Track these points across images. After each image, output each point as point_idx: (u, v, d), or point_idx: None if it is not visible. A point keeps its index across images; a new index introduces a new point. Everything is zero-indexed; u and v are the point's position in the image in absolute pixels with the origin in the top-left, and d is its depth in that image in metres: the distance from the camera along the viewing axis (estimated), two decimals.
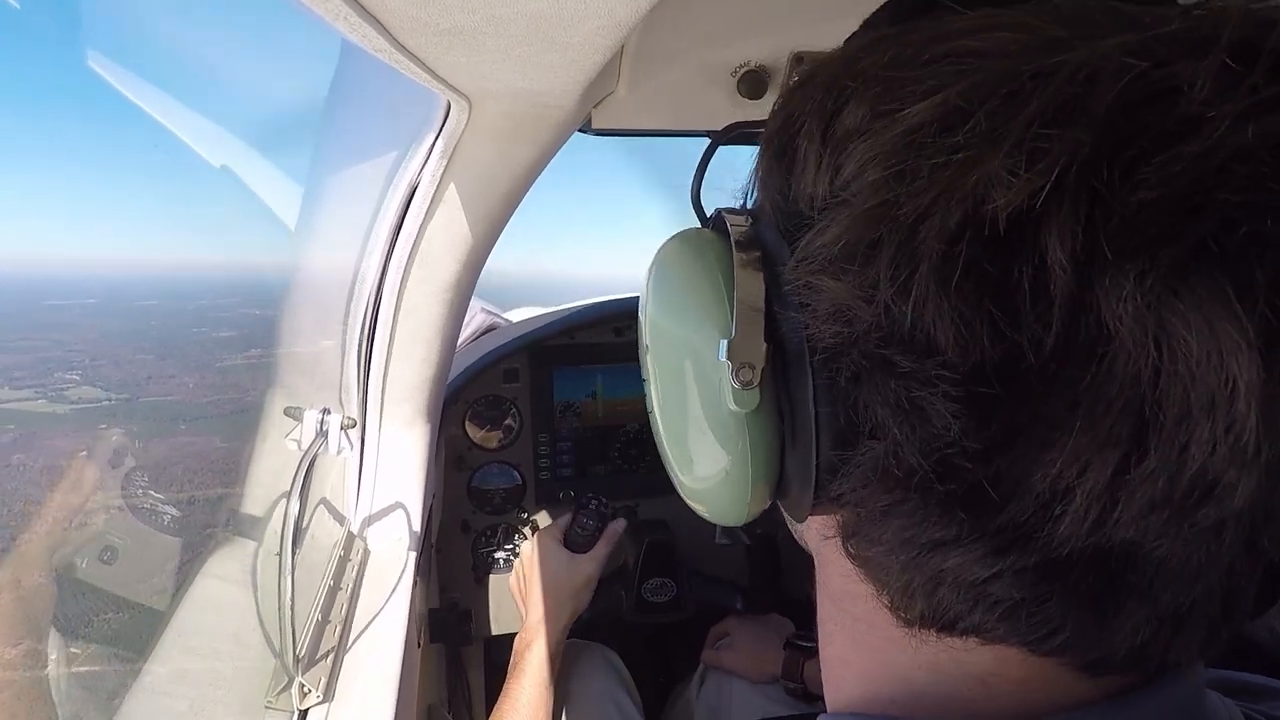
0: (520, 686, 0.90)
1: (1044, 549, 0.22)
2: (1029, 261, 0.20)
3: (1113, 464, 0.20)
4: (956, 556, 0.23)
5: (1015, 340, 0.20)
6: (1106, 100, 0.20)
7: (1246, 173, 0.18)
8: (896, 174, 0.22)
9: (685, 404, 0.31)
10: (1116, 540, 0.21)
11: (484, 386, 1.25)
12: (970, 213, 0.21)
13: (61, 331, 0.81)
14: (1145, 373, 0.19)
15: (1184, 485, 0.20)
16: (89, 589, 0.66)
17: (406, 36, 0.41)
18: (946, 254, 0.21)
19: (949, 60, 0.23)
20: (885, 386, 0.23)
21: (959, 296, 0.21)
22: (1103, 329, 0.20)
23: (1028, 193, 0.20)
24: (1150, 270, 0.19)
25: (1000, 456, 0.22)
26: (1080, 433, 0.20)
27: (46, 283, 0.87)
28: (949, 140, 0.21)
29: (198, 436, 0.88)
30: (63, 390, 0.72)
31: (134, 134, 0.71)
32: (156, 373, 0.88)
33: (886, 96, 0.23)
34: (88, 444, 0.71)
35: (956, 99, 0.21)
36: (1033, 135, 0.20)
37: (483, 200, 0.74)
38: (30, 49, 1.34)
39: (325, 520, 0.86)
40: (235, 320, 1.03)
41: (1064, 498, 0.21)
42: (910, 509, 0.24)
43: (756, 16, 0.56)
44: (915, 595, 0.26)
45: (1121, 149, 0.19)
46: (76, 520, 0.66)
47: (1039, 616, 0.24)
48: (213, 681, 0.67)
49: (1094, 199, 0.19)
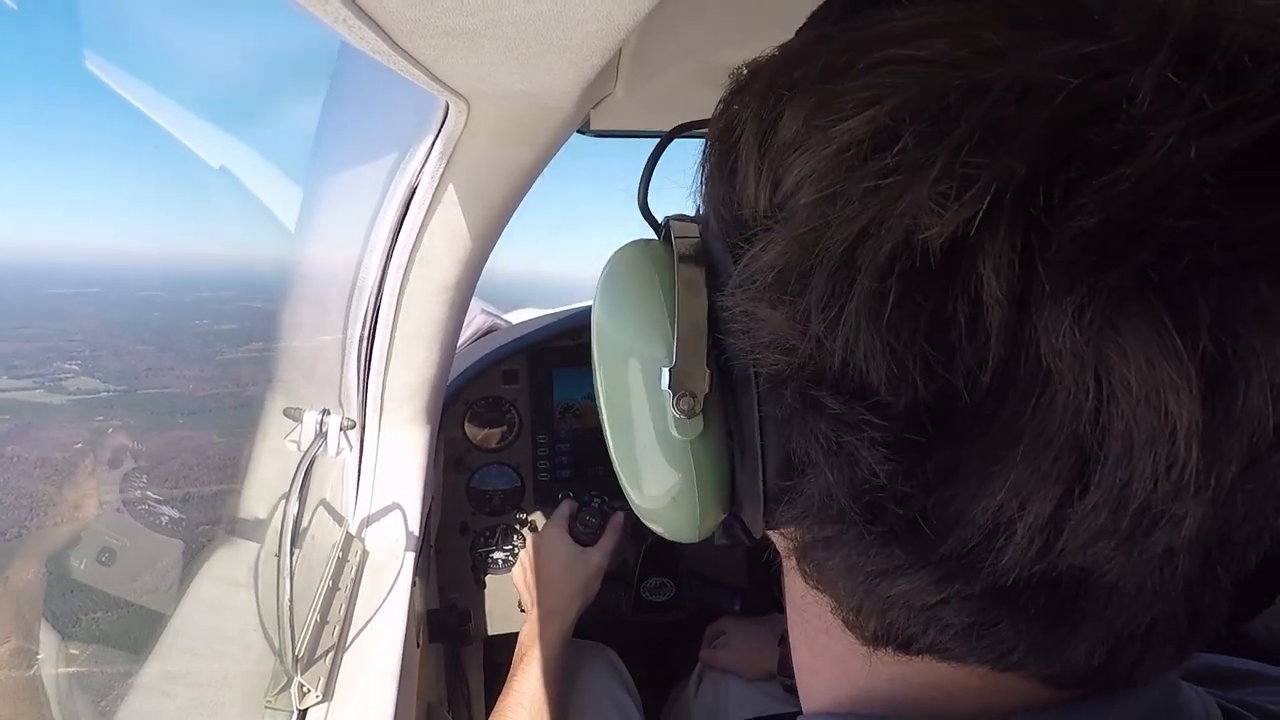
0: (526, 680, 0.89)
1: (989, 577, 0.21)
2: (963, 295, 0.19)
3: (1054, 498, 0.20)
4: (903, 583, 0.23)
5: (949, 379, 0.19)
6: (1041, 119, 0.18)
7: (1189, 195, 0.17)
8: (828, 197, 0.21)
9: (631, 425, 0.31)
10: (1064, 567, 0.21)
11: (484, 388, 1.25)
12: (901, 243, 0.19)
13: (62, 320, 0.80)
14: (1085, 408, 0.19)
15: (1129, 517, 0.19)
16: (86, 589, 0.65)
17: (405, 38, 0.41)
18: (877, 287, 0.20)
19: (881, 69, 0.21)
20: (816, 428, 0.22)
21: (890, 332, 0.20)
22: (1041, 364, 0.19)
23: (958, 222, 0.18)
24: (1089, 303, 0.18)
25: (935, 493, 0.21)
26: (1020, 468, 0.20)
27: (49, 271, 0.87)
28: (879, 163, 0.20)
29: (195, 431, 0.88)
30: (61, 380, 0.72)
31: (138, 129, 0.71)
32: (156, 364, 0.87)
33: (820, 109, 0.22)
34: (83, 437, 0.70)
35: (885, 117, 0.20)
36: (962, 161, 0.19)
37: (482, 201, 0.74)
38: (32, 42, 1.34)
39: (324, 521, 0.86)
40: (236, 313, 1.02)
41: (1006, 529, 0.20)
42: (850, 540, 0.23)
43: (754, 18, 0.56)
44: (867, 617, 0.25)
45: (1059, 171, 0.18)
46: (70, 516, 0.66)
47: (991, 639, 0.23)
48: (212, 681, 0.67)
49: (1030, 226, 0.18)
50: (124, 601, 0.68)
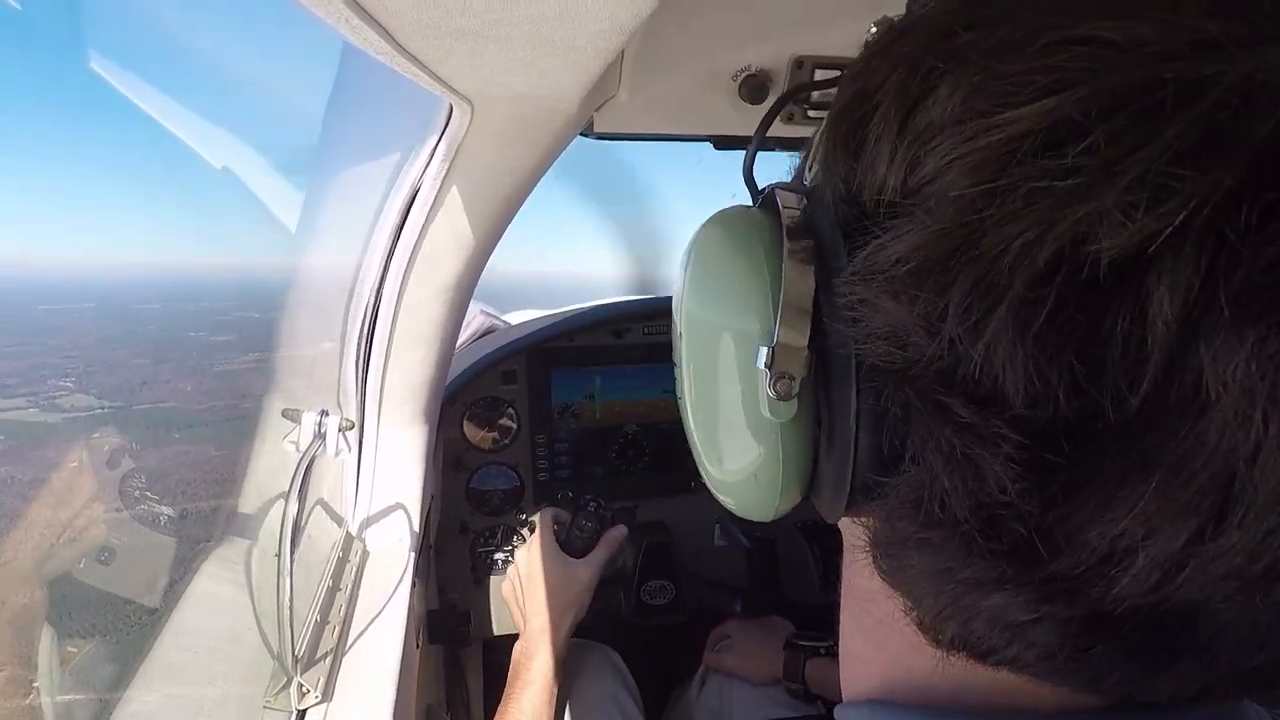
0: (523, 696, 0.88)
1: (1095, 603, 0.20)
2: (1128, 312, 0.17)
3: (1186, 534, 0.18)
4: (997, 598, 0.22)
5: (1095, 398, 0.18)
6: (1262, 132, 0.16)
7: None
8: (986, 192, 0.19)
9: (717, 401, 0.29)
10: (1175, 604, 0.19)
11: (482, 388, 1.25)
12: (1066, 251, 0.18)
13: (57, 336, 0.79)
14: (1244, 446, 0.17)
15: (1265, 564, 0.18)
16: (84, 589, 0.65)
17: (409, 40, 0.41)
18: (1031, 295, 0.18)
19: (1069, 50, 0.18)
20: (939, 433, 0.21)
21: (1037, 345, 0.18)
22: (1200, 393, 0.17)
23: (1142, 237, 0.17)
24: (1272, 336, 0.16)
25: (1056, 512, 0.20)
26: (1153, 497, 0.18)
27: (43, 286, 0.86)
28: (1056, 160, 0.18)
29: (192, 445, 0.87)
30: (55, 398, 0.70)
31: (136, 135, 0.70)
32: (152, 378, 0.86)
33: (986, 90, 0.19)
34: (78, 456, 0.69)
35: (1072, 108, 0.18)
36: (1162, 169, 0.17)
37: (484, 203, 0.74)
38: (28, 48, 1.32)
39: (324, 521, 0.86)
40: (234, 324, 1.02)
41: (1124, 558, 0.19)
42: (948, 548, 0.22)
43: (758, 21, 0.56)
44: (946, 622, 0.24)
45: (1267, 189, 0.16)
46: (66, 536, 0.64)
47: (1081, 663, 0.22)
48: (211, 681, 0.67)
49: (1221, 246, 0.16)
50: (122, 603, 0.68)
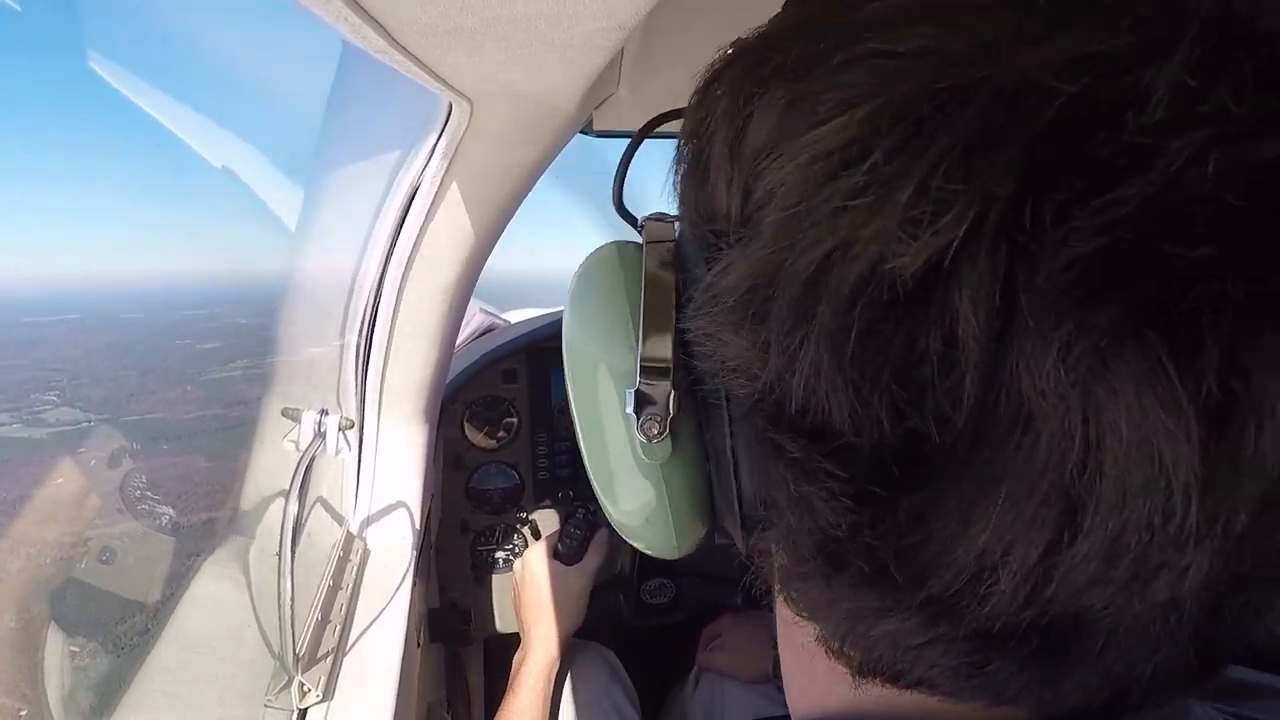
0: (518, 700, 0.90)
1: (977, 621, 0.19)
2: (936, 329, 0.17)
3: (1040, 545, 0.18)
4: (886, 624, 0.21)
5: (919, 421, 0.18)
6: (1033, 130, 0.16)
7: (1205, 218, 0.15)
8: (794, 215, 0.19)
9: (602, 442, 0.29)
10: (1057, 612, 0.19)
11: (482, 387, 1.25)
12: (867, 272, 0.17)
13: (40, 349, 0.78)
14: (1072, 454, 0.17)
15: (1125, 567, 0.17)
16: (83, 590, 0.64)
17: (407, 38, 0.41)
18: (840, 320, 0.18)
19: (861, 65, 0.19)
20: (775, 470, 0.20)
21: (854, 369, 0.18)
22: (1023, 405, 0.17)
23: (931, 250, 0.16)
24: (1078, 339, 0.16)
25: (908, 537, 0.19)
26: (1002, 512, 0.18)
27: (27, 298, 0.85)
28: (850, 179, 0.18)
29: (181, 457, 0.86)
30: (39, 413, 0.69)
31: (135, 135, 0.70)
32: (139, 389, 0.85)
33: (792, 110, 0.20)
34: (64, 472, 0.68)
35: (858, 128, 0.18)
36: (937, 184, 0.16)
37: (484, 201, 0.74)
38: (22, 49, 1.31)
39: (324, 520, 0.86)
40: (220, 330, 1.01)
41: (990, 574, 0.19)
42: (825, 580, 0.22)
43: (756, 17, 0.56)
44: (852, 649, 0.24)
45: (1051, 190, 0.16)
46: (52, 555, 0.63)
47: (982, 679, 0.21)
48: (212, 680, 0.67)
49: (1014, 253, 0.16)
50: (121, 604, 0.68)
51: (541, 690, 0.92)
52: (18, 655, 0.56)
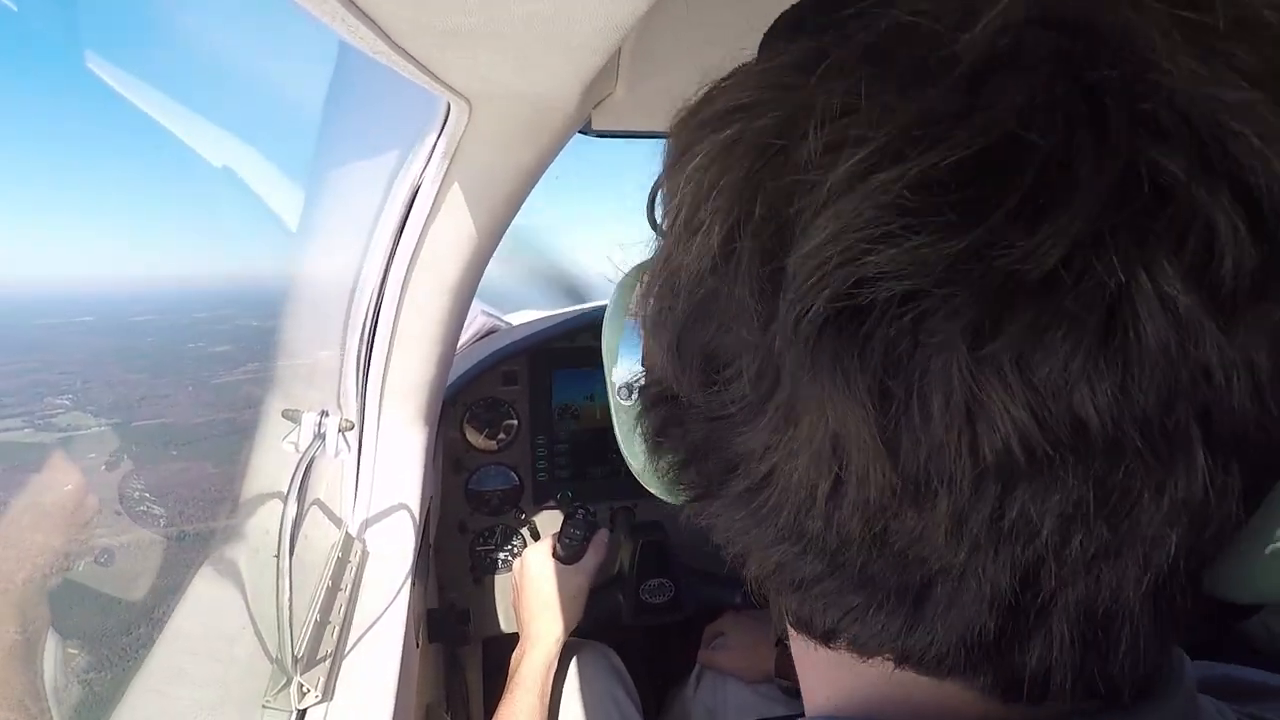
0: (516, 699, 0.90)
1: (816, 543, 0.24)
2: (723, 327, 0.24)
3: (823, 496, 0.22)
4: (775, 554, 0.25)
5: (719, 393, 0.24)
6: (741, 175, 0.22)
7: (857, 239, 0.18)
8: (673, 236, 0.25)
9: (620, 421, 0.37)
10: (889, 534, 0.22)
11: (483, 389, 1.25)
12: (671, 288, 0.25)
13: (53, 352, 0.77)
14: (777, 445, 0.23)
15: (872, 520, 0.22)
16: (83, 594, 0.64)
17: (404, 38, 0.41)
18: (657, 318, 0.26)
19: (719, 113, 0.24)
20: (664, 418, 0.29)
21: (671, 350, 0.25)
22: (779, 392, 0.22)
23: (701, 268, 0.23)
24: (790, 346, 0.20)
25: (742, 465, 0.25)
26: (800, 430, 0.22)
27: (41, 301, 0.85)
28: (680, 197, 0.24)
29: (190, 462, 0.85)
30: (51, 417, 0.69)
31: (135, 134, 0.70)
32: (150, 393, 0.84)
33: (672, 173, 0.26)
34: (73, 478, 0.67)
35: (689, 164, 0.24)
36: (688, 208, 0.23)
37: (485, 202, 0.74)
38: (23, 49, 1.31)
39: (324, 522, 0.86)
40: (232, 333, 1.01)
41: (809, 496, 0.23)
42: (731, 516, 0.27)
43: (754, 17, 0.56)
44: (795, 613, 0.28)
45: (768, 223, 0.21)
46: (58, 564, 0.63)
47: (865, 625, 0.25)
48: (211, 681, 0.67)
49: (753, 275, 0.21)
50: (121, 604, 0.67)
51: (540, 689, 0.92)
52: (21, 666, 0.56)
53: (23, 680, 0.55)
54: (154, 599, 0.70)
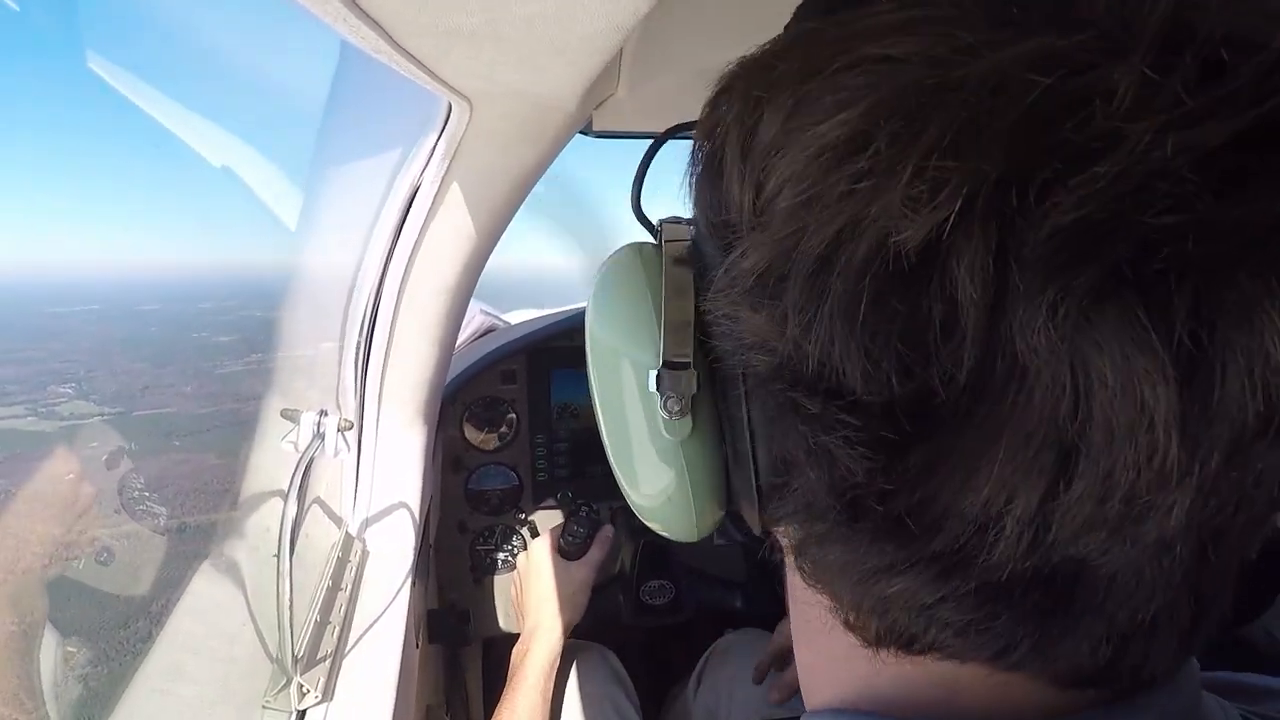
0: (517, 695, 0.90)
1: (983, 573, 0.21)
2: (939, 296, 0.19)
3: (1040, 491, 0.19)
4: (899, 582, 0.23)
5: (925, 379, 0.20)
6: (1013, 117, 0.18)
7: (1167, 191, 0.17)
8: (805, 201, 0.21)
9: (625, 426, 0.31)
10: (1058, 560, 0.21)
11: (482, 388, 1.25)
12: (875, 246, 0.19)
13: (60, 340, 0.78)
14: (1064, 404, 0.19)
15: (1116, 507, 0.19)
16: (82, 591, 0.64)
17: (406, 38, 0.41)
18: (852, 290, 0.20)
19: (856, 69, 0.21)
20: (795, 427, 0.22)
21: (865, 334, 0.20)
22: (1017, 362, 0.19)
23: (930, 225, 0.18)
24: (1063, 300, 0.18)
25: (920, 491, 0.21)
26: (1003, 463, 0.19)
27: (50, 288, 0.84)
28: (854, 166, 0.20)
29: (192, 454, 0.84)
30: (54, 405, 0.69)
31: (134, 135, 0.70)
32: (153, 382, 0.84)
33: (796, 112, 0.22)
34: (74, 468, 0.67)
35: (859, 120, 0.20)
36: (934, 165, 0.19)
37: (484, 201, 0.74)
38: (30, 47, 1.31)
39: (323, 522, 0.86)
40: (237, 324, 1.00)
41: (995, 524, 0.20)
42: (843, 539, 0.23)
43: (755, 18, 0.56)
44: (868, 617, 0.25)
45: (1033, 171, 0.18)
46: (57, 555, 0.62)
47: (990, 635, 0.23)
48: (211, 681, 0.67)
49: (1003, 226, 0.18)
50: (121, 602, 0.67)
51: (542, 687, 0.92)
52: (18, 660, 0.55)
53: (18, 674, 0.55)
54: (152, 594, 0.69)
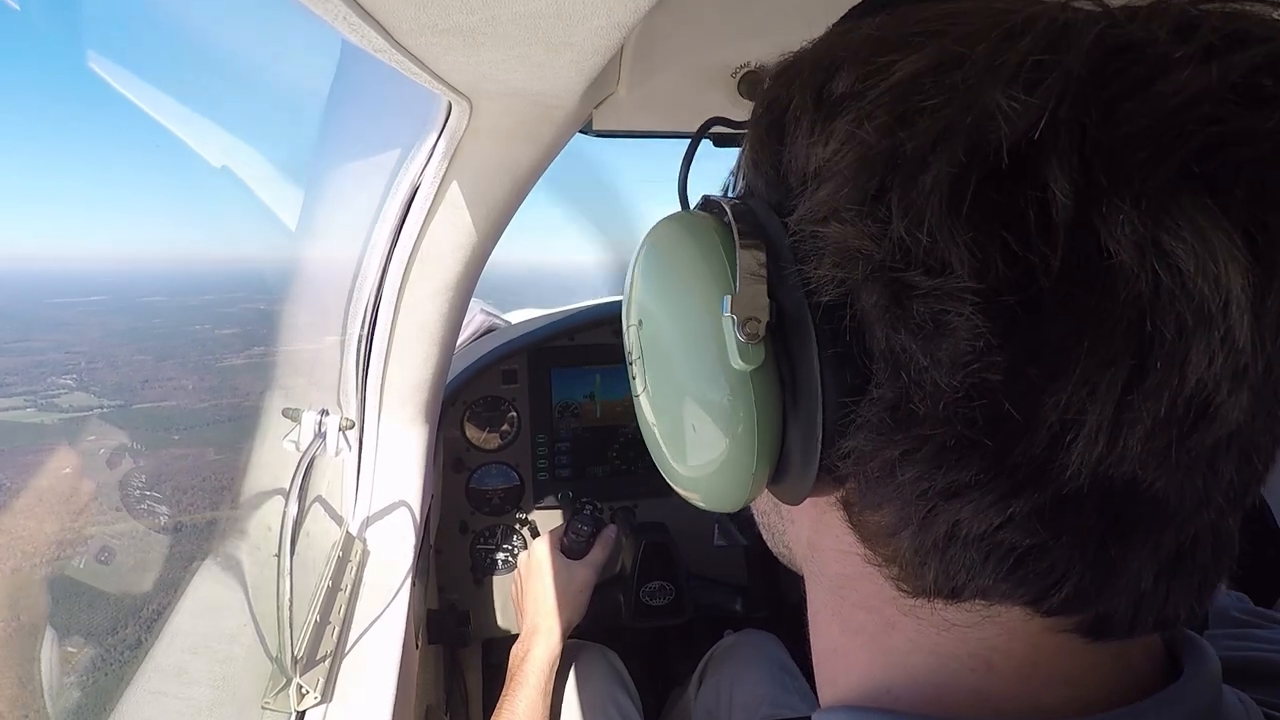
0: (517, 695, 0.90)
1: (1055, 484, 0.23)
2: (1033, 191, 0.21)
3: (1119, 384, 0.21)
4: (971, 502, 0.24)
5: (1027, 261, 0.21)
6: (1086, 42, 0.21)
7: (1214, 106, 0.20)
8: (899, 117, 0.23)
9: (685, 374, 0.31)
10: (1120, 474, 0.22)
11: (483, 387, 1.25)
12: (975, 144, 0.22)
13: (62, 331, 0.77)
14: (1144, 291, 0.21)
15: (1183, 404, 0.21)
16: (83, 590, 0.63)
17: (406, 37, 0.41)
18: (955, 184, 0.22)
19: (937, 21, 0.24)
20: (907, 310, 0.23)
21: (970, 224, 0.22)
22: (1103, 252, 0.21)
23: (1028, 121, 0.21)
24: (1143, 194, 0.20)
25: (1017, 384, 0.22)
26: (1088, 355, 0.21)
27: (54, 279, 0.83)
28: (949, 79, 0.23)
29: (191, 448, 0.83)
30: (54, 397, 0.68)
31: (136, 135, 0.69)
32: (154, 375, 0.83)
33: (878, 56, 0.24)
34: (71, 461, 0.66)
35: (952, 45, 0.23)
36: (1030, 65, 0.21)
37: (485, 200, 0.74)
38: (32, 44, 1.30)
39: (324, 521, 0.86)
40: (239, 316, 0.99)
41: (1074, 426, 0.22)
42: (927, 453, 0.24)
43: (756, 17, 0.56)
44: (927, 558, 0.26)
45: (1103, 88, 0.21)
46: (50, 553, 0.61)
47: (1045, 564, 0.24)
48: (210, 682, 0.67)
49: (1084, 134, 0.21)
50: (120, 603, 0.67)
51: (543, 687, 0.91)
52: (17, 660, 0.55)
53: (13, 673, 0.55)
54: (150, 594, 0.68)
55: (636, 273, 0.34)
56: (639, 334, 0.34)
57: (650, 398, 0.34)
